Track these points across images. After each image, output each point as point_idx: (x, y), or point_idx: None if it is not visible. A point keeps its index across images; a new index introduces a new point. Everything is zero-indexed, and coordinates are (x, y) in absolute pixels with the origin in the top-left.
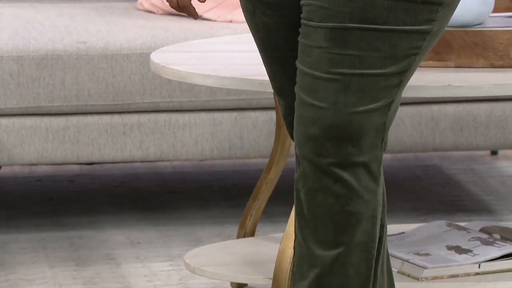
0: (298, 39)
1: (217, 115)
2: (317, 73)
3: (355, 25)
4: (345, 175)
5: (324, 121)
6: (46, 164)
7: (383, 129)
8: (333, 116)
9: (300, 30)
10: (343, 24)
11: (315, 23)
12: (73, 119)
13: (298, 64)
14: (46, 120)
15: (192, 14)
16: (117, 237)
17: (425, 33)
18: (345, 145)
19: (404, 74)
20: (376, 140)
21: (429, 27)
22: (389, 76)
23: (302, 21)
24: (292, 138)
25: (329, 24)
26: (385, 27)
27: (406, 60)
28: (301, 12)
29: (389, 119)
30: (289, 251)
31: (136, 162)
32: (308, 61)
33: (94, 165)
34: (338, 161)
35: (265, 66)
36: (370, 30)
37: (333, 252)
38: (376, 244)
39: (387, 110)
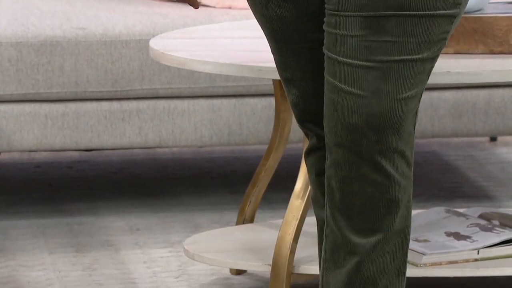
0: (325, 28)
1: (216, 102)
2: (355, 62)
3: (390, 12)
4: (385, 163)
5: (367, 110)
6: (45, 150)
7: (415, 115)
8: (376, 105)
9: (325, 20)
10: (379, 12)
11: (348, 12)
12: (72, 106)
13: (328, 53)
14: (45, 106)
15: (193, 3)
16: (116, 223)
17: (453, 16)
18: (386, 133)
19: (435, 59)
20: (411, 127)
21: (456, 11)
22: (424, 61)
23: (329, 11)
24: (301, 125)
25: (363, 13)
26: (419, 12)
27: (438, 44)
28: (318, 2)
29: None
30: (288, 238)
31: (135, 148)
32: (342, 50)
33: (93, 152)
34: (378, 150)
35: (275, 56)
36: (405, 16)
37: (372, 240)
38: (410, 229)
39: (420, 96)
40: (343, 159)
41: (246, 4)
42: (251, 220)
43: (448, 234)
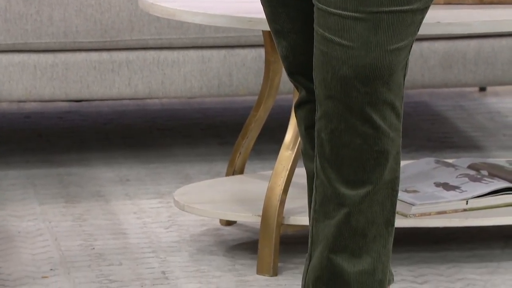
0: None
1: (206, 53)
2: (345, 13)
3: None
4: (374, 115)
5: (356, 61)
6: (35, 101)
7: (405, 67)
8: (365, 56)
9: None
10: None
11: None
12: (61, 56)
13: (318, 4)
14: (34, 56)
15: None
16: (106, 174)
17: None
18: (376, 85)
19: (425, 10)
20: (401, 78)
21: None
22: (415, 12)
23: None
24: (291, 78)
25: None
26: None
27: None
28: None
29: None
30: (278, 189)
31: (125, 99)
32: (332, 0)
33: (82, 102)
34: (368, 101)
35: (264, 7)
36: None
37: (361, 191)
38: (399, 180)
39: (410, 48)
40: (333, 111)
41: None
42: (241, 171)
43: (437, 185)
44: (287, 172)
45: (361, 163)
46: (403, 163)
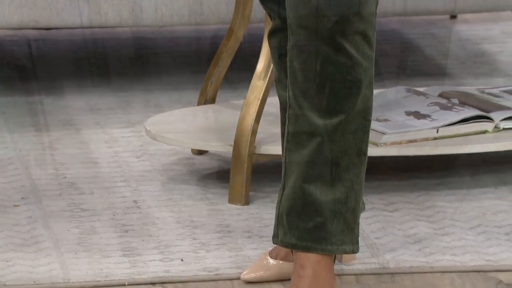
0: None
1: None
2: None
3: None
4: (346, 44)
5: None
6: (3, 28)
7: None
8: None
9: None
10: None
11: None
12: None
13: None
14: None
15: None
16: (76, 103)
17: None
18: (347, 13)
19: None
20: (373, 7)
21: None
22: None
23: None
24: (264, 6)
25: None
26: None
27: None
28: None
29: None
30: (250, 118)
31: (95, 28)
32: None
33: (52, 30)
34: (340, 31)
35: None
36: None
37: (334, 120)
38: (371, 110)
39: None
40: (305, 41)
41: None
42: (212, 101)
43: (408, 113)
44: (259, 101)
45: (334, 93)
46: (373, 92)
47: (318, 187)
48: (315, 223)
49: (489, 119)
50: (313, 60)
